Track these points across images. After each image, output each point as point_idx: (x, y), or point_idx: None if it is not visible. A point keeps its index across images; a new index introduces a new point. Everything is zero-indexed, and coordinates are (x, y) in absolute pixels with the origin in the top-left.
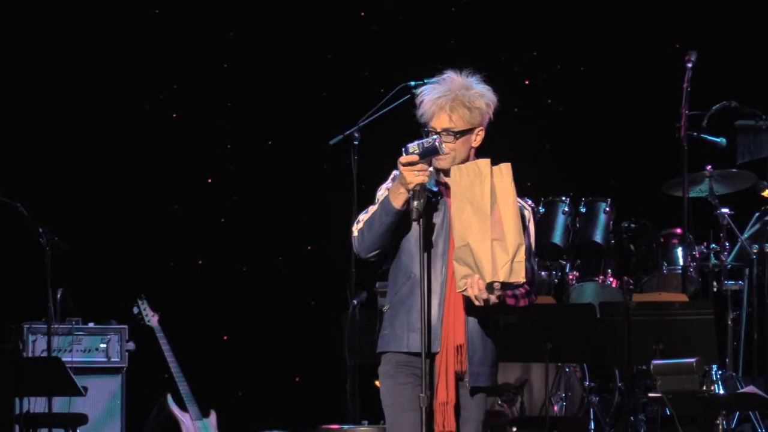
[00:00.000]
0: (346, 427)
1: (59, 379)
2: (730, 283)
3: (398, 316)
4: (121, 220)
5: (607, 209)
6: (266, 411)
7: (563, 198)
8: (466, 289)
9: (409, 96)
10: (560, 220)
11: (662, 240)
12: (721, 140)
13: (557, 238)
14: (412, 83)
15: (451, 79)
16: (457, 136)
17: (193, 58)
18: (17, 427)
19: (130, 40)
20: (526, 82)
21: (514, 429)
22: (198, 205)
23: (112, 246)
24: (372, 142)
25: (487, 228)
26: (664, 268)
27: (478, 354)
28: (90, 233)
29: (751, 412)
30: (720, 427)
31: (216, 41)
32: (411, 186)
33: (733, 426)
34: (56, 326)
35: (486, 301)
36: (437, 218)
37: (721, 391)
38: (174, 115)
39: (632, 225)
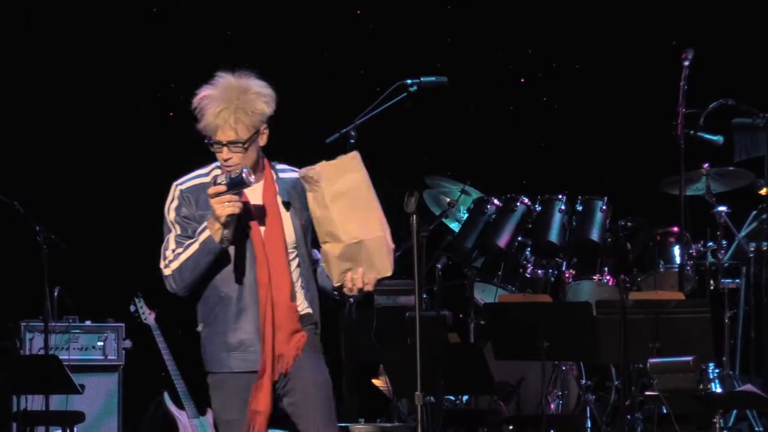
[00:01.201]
0: (343, 424)
1: (56, 377)
2: (727, 282)
3: (214, 336)
4: (118, 218)
5: (604, 207)
6: None
7: (559, 196)
8: (346, 283)
9: (405, 94)
10: (557, 219)
11: (659, 238)
12: (718, 138)
13: (553, 236)
14: (408, 81)
15: (226, 85)
16: (246, 145)
17: (191, 56)
18: (14, 425)
19: (128, 37)
20: (522, 80)
21: (510, 427)
22: None
23: (108, 244)
24: (368, 141)
25: (371, 222)
26: (660, 266)
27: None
28: (87, 231)
29: (748, 411)
30: (717, 425)
31: (214, 39)
32: (222, 219)
33: (730, 424)
34: (53, 324)
35: (361, 292)
36: (237, 237)
37: (718, 390)
38: (170, 114)
39: (629, 223)
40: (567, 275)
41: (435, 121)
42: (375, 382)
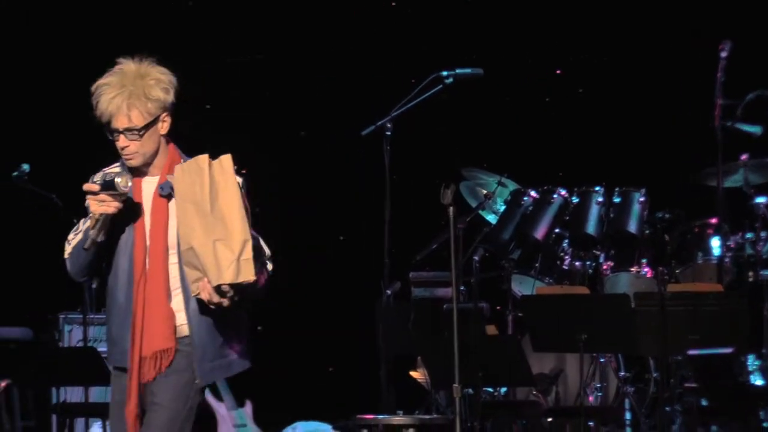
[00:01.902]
0: (381, 416)
1: (95, 369)
2: (766, 273)
3: (107, 326)
4: None
5: (642, 199)
6: (301, 401)
7: (597, 188)
8: (199, 293)
9: (441, 86)
10: (594, 210)
11: (697, 230)
12: (757, 129)
13: (591, 228)
14: (444, 73)
15: (124, 70)
16: (142, 132)
17: (227, 48)
18: (54, 417)
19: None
20: (557, 72)
21: (549, 419)
22: None
23: None
24: (404, 133)
25: (209, 228)
26: (699, 258)
27: (208, 352)
28: None
29: None
30: (758, 418)
31: (249, 31)
32: (94, 216)
33: None
34: (92, 316)
35: (219, 304)
36: (124, 227)
37: (758, 382)
38: (207, 106)
39: (667, 215)
40: (605, 267)
41: (471, 113)
42: (413, 374)
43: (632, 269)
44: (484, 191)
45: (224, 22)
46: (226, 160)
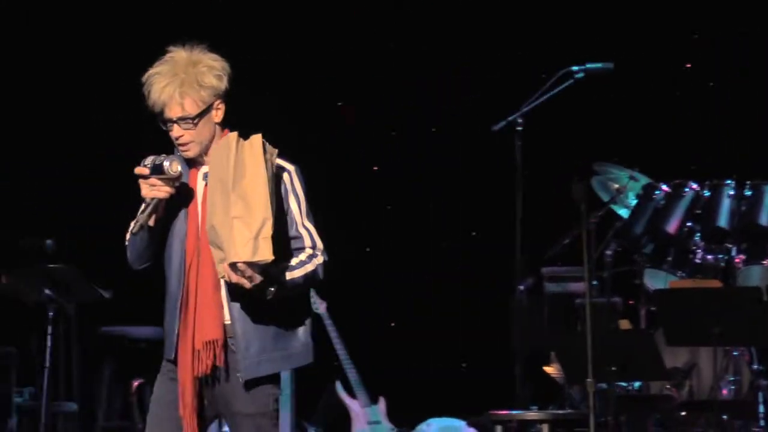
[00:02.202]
0: (514, 412)
1: None
2: None
3: (165, 316)
4: None
5: None
6: (435, 397)
7: (728, 181)
8: (224, 274)
9: (571, 81)
10: (726, 204)
11: None
12: None
13: (723, 221)
14: (575, 68)
15: (175, 58)
16: (196, 121)
17: (360, 44)
18: None
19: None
20: (687, 66)
21: (683, 413)
22: (364, 193)
23: None
24: (535, 128)
25: (228, 205)
26: None
27: (254, 344)
28: None
29: None
30: None
31: (376, 27)
32: (146, 200)
33: None
34: None
35: (240, 283)
36: (177, 215)
37: None
38: (339, 104)
39: None
40: (737, 260)
41: (602, 108)
42: (547, 369)
43: (764, 262)
44: (616, 186)
45: (352, 13)
46: (256, 140)
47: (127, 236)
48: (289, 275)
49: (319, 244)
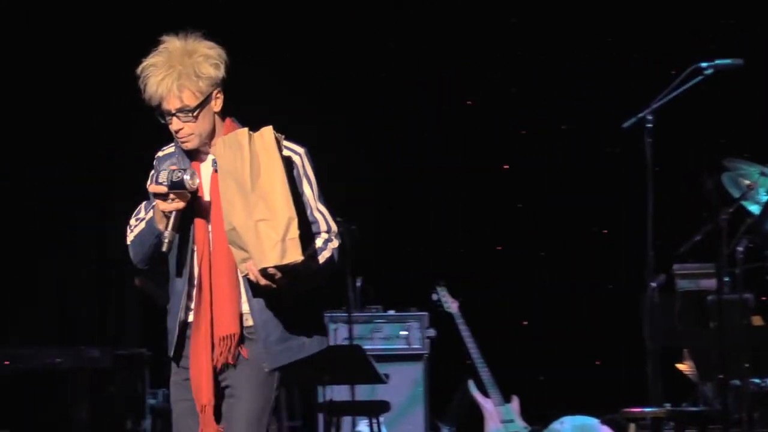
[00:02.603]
0: (647, 409)
1: (361, 367)
2: None
3: (168, 316)
4: (419, 207)
5: None
6: (568, 395)
7: None
8: (248, 273)
9: (701, 78)
10: None
11: None
12: None
13: None
14: (704, 64)
15: (169, 48)
16: (195, 112)
17: (487, 44)
18: (321, 416)
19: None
20: None
21: None
22: (495, 191)
23: (410, 233)
24: (665, 125)
25: (250, 207)
26: None
27: (273, 333)
28: (388, 221)
29: None
30: None
31: (505, 27)
32: (165, 214)
33: None
34: (356, 314)
35: (269, 285)
36: (184, 211)
37: None
38: (469, 102)
39: None
40: None
41: (732, 104)
42: (679, 366)
43: None
44: (747, 182)
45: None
46: (268, 133)
47: (130, 237)
48: (310, 264)
49: (334, 227)
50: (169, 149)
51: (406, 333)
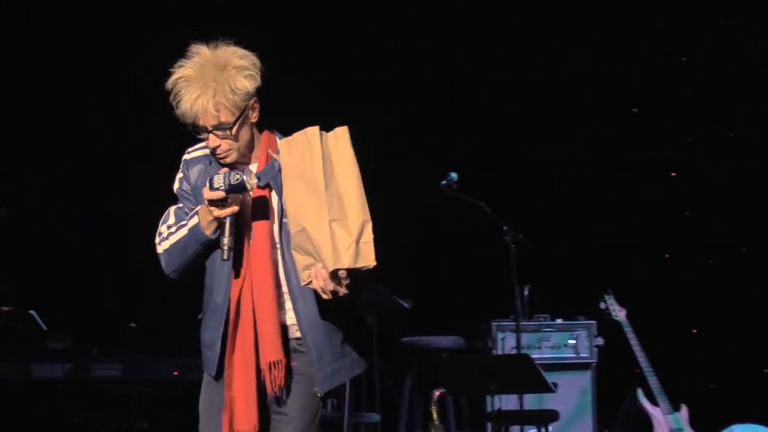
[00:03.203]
0: None
1: (529, 376)
2: None
3: (203, 330)
4: (587, 215)
5: None
6: (737, 404)
7: None
8: (311, 281)
9: None
10: None
11: None
12: None
13: None
14: None
15: (201, 63)
16: (233, 128)
17: (651, 50)
18: (489, 425)
19: None
20: None
21: None
22: (663, 199)
23: (577, 242)
24: None
25: (323, 207)
26: None
27: (326, 354)
28: (554, 229)
29: None
30: None
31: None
32: (221, 220)
33: None
34: (524, 323)
35: (335, 293)
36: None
37: None
38: (635, 110)
39: None
40: None
41: None
42: None
43: None
44: None
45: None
46: (342, 132)
47: (165, 245)
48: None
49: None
50: (198, 152)
51: (574, 342)
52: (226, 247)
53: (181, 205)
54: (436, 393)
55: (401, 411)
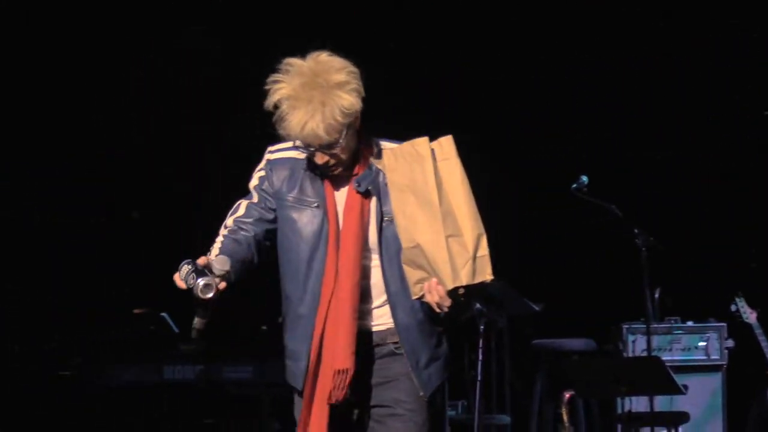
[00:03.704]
0: None
1: (660, 378)
2: None
3: (288, 339)
4: (715, 217)
5: None
6: None
7: None
8: (423, 295)
9: None
10: None
11: None
12: None
13: None
14: None
15: (303, 83)
16: (341, 144)
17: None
18: (619, 427)
19: None
20: None
21: None
22: None
23: (708, 244)
24: None
25: (437, 222)
26: None
27: (423, 358)
28: (685, 232)
29: None
30: None
31: None
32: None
33: None
34: (655, 326)
35: (450, 307)
36: (310, 231)
37: None
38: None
39: None
40: None
41: None
42: None
43: None
44: None
45: None
46: (447, 142)
47: (217, 240)
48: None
49: None
50: (284, 153)
51: (704, 344)
52: (195, 327)
53: (256, 201)
54: (567, 395)
55: (531, 413)
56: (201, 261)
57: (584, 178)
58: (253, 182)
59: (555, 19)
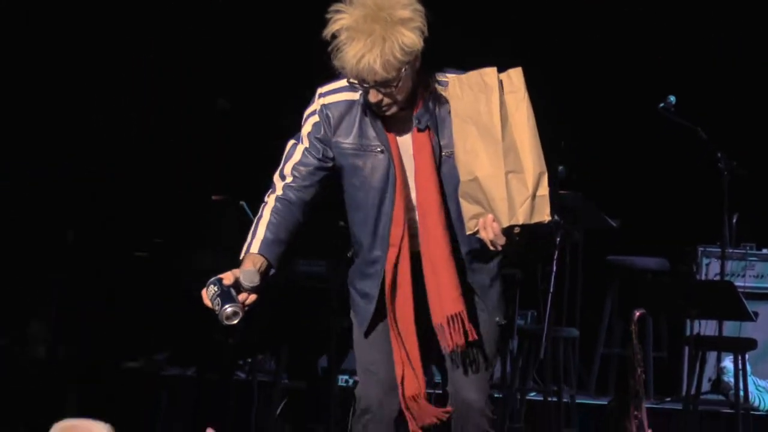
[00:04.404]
0: None
1: (730, 304)
2: None
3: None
4: None
5: None
6: None
7: None
8: (477, 230)
9: None
10: None
11: None
12: None
13: None
14: None
15: (365, 15)
16: (397, 83)
17: None
18: (686, 349)
19: None
20: None
21: None
22: None
23: None
24: None
25: (499, 157)
26: None
27: (486, 288)
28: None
29: None
30: None
31: None
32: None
33: None
34: (730, 251)
35: (505, 246)
36: (378, 177)
37: None
38: None
39: None
40: None
41: None
42: None
43: None
44: None
45: None
46: (516, 74)
47: (269, 194)
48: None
49: None
50: (338, 95)
51: None
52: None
53: (308, 146)
54: (637, 313)
55: (600, 328)
56: (227, 279)
57: (672, 98)
58: (306, 128)
59: None
